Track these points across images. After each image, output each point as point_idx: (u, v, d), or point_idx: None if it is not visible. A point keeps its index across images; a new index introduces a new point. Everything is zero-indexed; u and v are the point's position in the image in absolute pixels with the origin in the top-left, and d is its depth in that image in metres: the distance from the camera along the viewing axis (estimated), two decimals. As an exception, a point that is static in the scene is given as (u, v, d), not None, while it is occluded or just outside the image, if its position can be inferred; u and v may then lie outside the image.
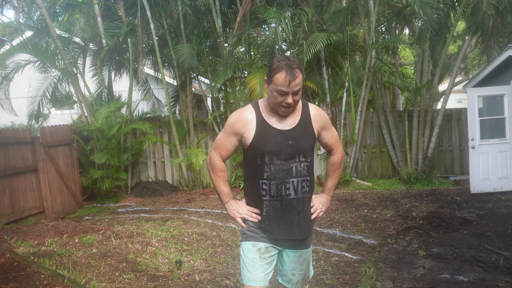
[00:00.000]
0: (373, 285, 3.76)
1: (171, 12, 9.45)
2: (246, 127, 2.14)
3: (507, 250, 4.43)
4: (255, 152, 2.14)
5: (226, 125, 2.22)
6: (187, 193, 8.89)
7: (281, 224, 2.18)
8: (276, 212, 2.16)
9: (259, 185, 2.16)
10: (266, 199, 2.16)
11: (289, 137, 2.13)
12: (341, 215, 6.40)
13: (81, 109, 8.94)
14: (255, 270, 2.17)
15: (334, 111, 9.16)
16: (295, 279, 2.33)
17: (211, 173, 2.31)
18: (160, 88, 12.90)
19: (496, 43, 9.77)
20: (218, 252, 4.77)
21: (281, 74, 2.00)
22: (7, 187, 6.21)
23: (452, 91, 9.18)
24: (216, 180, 2.29)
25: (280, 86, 2.02)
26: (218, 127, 9.28)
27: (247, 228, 2.24)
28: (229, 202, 2.28)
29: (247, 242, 2.22)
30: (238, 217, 2.24)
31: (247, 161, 2.25)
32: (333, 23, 9.01)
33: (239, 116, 2.17)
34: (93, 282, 3.80)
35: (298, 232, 2.20)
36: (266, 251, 2.21)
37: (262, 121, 2.14)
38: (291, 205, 2.16)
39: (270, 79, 2.07)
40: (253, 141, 2.12)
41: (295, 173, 2.14)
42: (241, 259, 2.25)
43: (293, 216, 2.17)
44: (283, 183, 2.13)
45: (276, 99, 2.06)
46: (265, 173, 2.13)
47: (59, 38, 8.29)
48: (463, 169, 9.56)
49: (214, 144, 2.30)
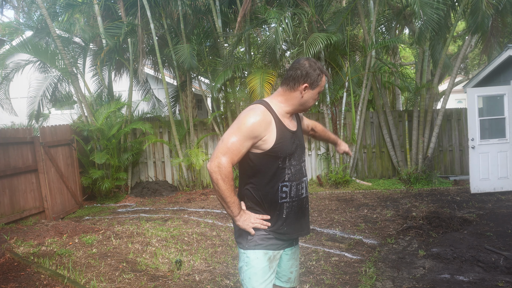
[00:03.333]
0: (373, 285, 3.76)
1: (171, 12, 9.46)
2: (267, 130, 2.02)
3: (507, 250, 4.43)
4: (276, 156, 2.06)
5: (242, 127, 1.98)
6: (187, 193, 8.89)
7: (296, 224, 2.20)
8: (294, 213, 2.19)
9: (278, 189, 2.10)
10: (286, 201, 2.13)
11: (297, 138, 2.20)
12: (341, 215, 6.40)
13: (81, 109, 8.94)
14: (265, 281, 2.13)
15: (334, 111, 9.16)
16: (293, 276, 2.35)
17: (220, 182, 1.98)
18: (160, 88, 12.90)
19: (496, 43, 9.76)
20: (218, 252, 4.77)
21: (324, 78, 2.16)
22: (7, 187, 6.21)
23: (452, 91, 9.18)
24: (227, 190, 1.99)
25: (322, 88, 2.18)
26: (218, 127, 9.27)
27: (257, 235, 2.13)
28: (240, 214, 2.08)
29: (258, 251, 2.11)
30: (250, 228, 2.09)
31: (262, 167, 2.08)
32: (333, 23, 9.01)
33: (261, 118, 2.01)
34: (93, 282, 3.80)
35: (306, 229, 2.27)
36: (274, 259, 2.18)
37: (280, 123, 2.10)
38: (303, 204, 2.23)
39: (316, 84, 2.12)
40: (276, 144, 2.04)
41: (305, 172, 2.24)
42: (247, 269, 2.12)
43: (304, 214, 2.25)
44: (300, 183, 2.18)
45: (313, 100, 2.18)
46: (286, 175, 2.12)
47: (59, 38, 8.29)
48: (463, 169, 9.56)
49: (224, 148, 1.99)
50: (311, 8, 8.14)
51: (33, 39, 8.85)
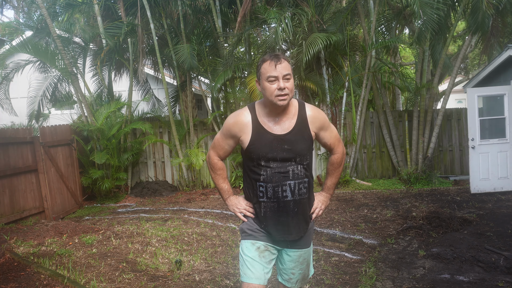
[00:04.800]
0: (373, 285, 3.76)
1: (171, 12, 9.45)
2: (242, 131, 2.17)
3: (507, 250, 4.43)
4: (251, 156, 2.17)
5: (223, 127, 2.26)
6: (187, 193, 8.89)
7: (278, 225, 2.19)
8: (273, 213, 2.17)
9: (257, 187, 2.19)
10: (263, 201, 2.18)
11: (284, 142, 2.13)
12: (341, 215, 6.40)
13: (81, 109, 8.94)
14: (255, 268, 2.17)
15: (334, 111, 9.16)
16: (295, 278, 2.34)
17: (210, 171, 2.40)
18: (160, 88, 12.90)
19: (496, 43, 9.77)
20: (218, 252, 4.77)
21: (266, 63, 2.09)
22: (7, 187, 6.21)
23: (452, 91, 9.18)
24: (215, 178, 2.38)
25: (268, 73, 2.07)
26: (218, 127, 9.28)
27: (247, 227, 2.25)
28: (229, 198, 2.36)
29: (247, 241, 2.24)
30: (237, 212, 2.30)
31: (245, 163, 2.27)
32: (333, 23, 9.01)
33: (235, 119, 2.20)
34: (93, 282, 3.80)
35: (295, 233, 2.22)
36: (265, 250, 2.22)
37: (258, 126, 2.15)
38: (288, 207, 2.16)
39: (259, 73, 2.14)
40: (249, 145, 2.15)
41: (292, 176, 2.14)
42: (240, 257, 2.27)
43: (290, 218, 2.18)
44: (279, 185, 2.13)
45: (270, 90, 2.07)
46: (261, 176, 2.15)
47: (59, 38, 8.29)
48: (463, 169, 9.56)
49: (212, 143, 2.37)
50: (311, 8, 8.13)
51: (33, 39, 8.85)
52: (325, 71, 8.97)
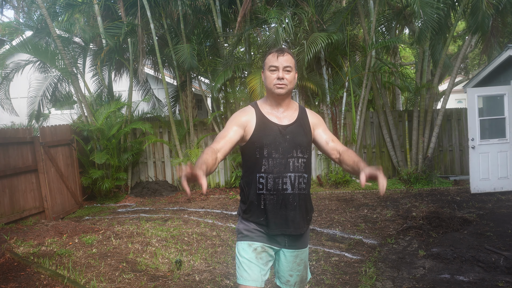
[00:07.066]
0: (373, 285, 3.76)
1: (171, 12, 9.45)
2: (248, 120, 2.24)
3: (507, 250, 4.43)
4: (254, 146, 2.20)
5: (229, 120, 2.27)
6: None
7: (276, 219, 2.19)
8: (272, 206, 2.18)
9: (256, 179, 2.19)
10: (262, 193, 2.19)
11: (286, 132, 2.21)
12: (341, 215, 6.40)
13: (81, 109, 8.94)
14: (252, 270, 2.16)
15: (334, 111, 9.16)
16: (293, 280, 2.32)
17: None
18: (160, 88, 12.90)
19: (496, 43, 9.77)
20: (218, 252, 4.77)
21: (270, 54, 2.25)
22: (7, 187, 6.21)
23: (452, 91, 9.18)
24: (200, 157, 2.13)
25: (270, 63, 2.21)
26: (218, 127, 9.28)
27: (243, 227, 2.25)
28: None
29: (243, 242, 2.23)
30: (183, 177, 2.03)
31: (246, 157, 2.29)
32: (333, 23, 9.00)
33: (242, 110, 2.31)
34: (93, 282, 3.80)
35: (293, 227, 2.21)
36: (262, 251, 2.21)
37: (261, 116, 2.25)
38: (287, 200, 2.18)
39: (264, 64, 2.28)
40: (253, 134, 2.20)
41: (292, 168, 2.18)
42: (236, 259, 2.25)
43: (289, 211, 2.19)
44: (280, 177, 2.16)
45: (270, 78, 2.21)
46: (263, 166, 2.17)
47: (59, 38, 8.29)
48: (463, 169, 9.56)
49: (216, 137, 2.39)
50: (311, 8, 8.13)
51: (33, 39, 8.85)
52: (325, 71, 8.97)
